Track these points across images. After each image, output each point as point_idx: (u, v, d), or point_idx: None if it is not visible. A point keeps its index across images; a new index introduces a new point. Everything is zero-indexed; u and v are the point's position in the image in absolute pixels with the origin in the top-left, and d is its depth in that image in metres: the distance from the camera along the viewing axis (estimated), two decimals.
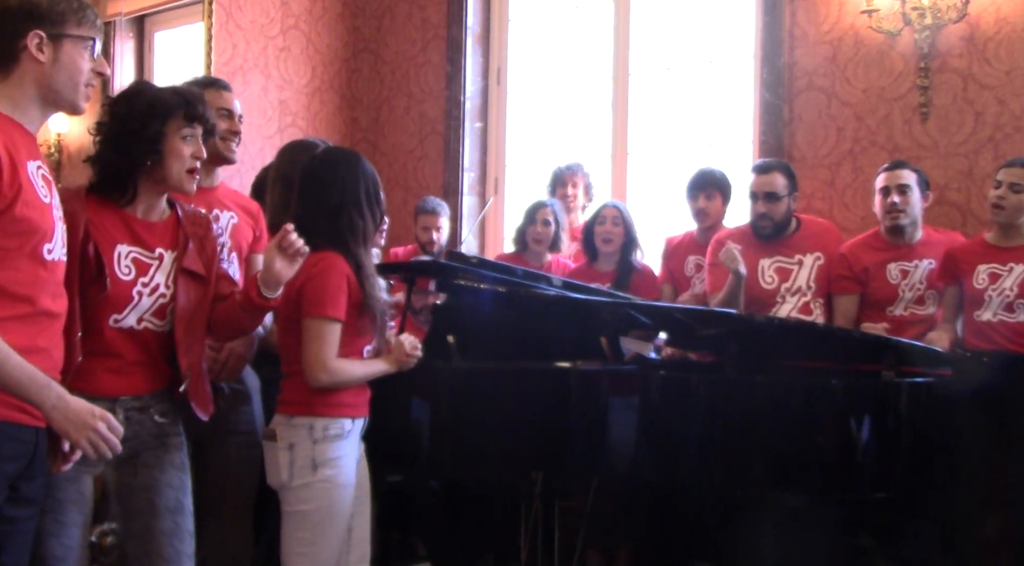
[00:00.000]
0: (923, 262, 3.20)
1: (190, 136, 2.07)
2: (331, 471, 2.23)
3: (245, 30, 4.84)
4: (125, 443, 2.01)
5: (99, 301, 1.98)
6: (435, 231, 4.16)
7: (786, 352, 3.02)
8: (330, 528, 2.23)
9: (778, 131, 3.94)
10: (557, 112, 4.84)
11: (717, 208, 3.63)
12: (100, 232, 2.01)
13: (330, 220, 2.29)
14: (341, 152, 2.56)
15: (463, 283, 2.96)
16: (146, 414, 2.07)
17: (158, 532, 2.06)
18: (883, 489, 2.66)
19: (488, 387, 2.79)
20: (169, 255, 2.09)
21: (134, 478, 2.08)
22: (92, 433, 1.71)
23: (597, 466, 2.71)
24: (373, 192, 2.35)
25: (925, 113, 3.64)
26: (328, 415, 2.25)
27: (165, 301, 2.06)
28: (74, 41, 1.80)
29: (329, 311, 2.22)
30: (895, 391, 2.64)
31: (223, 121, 2.61)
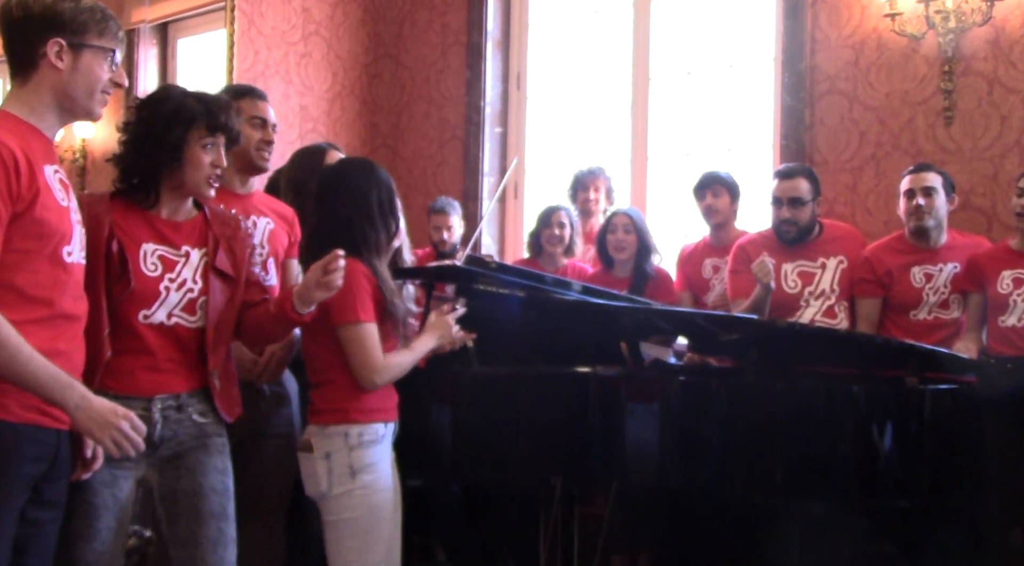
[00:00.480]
0: (947, 266, 3.16)
1: (211, 145, 2.09)
2: (370, 476, 2.24)
3: (267, 36, 4.87)
4: (164, 443, 2.05)
5: (126, 298, 2.01)
6: (446, 230, 4.16)
7: (808, 358, 3.00)
8: (377, 533, 2.24)
9: (799, 135, 3.91)
10: (577, 117, 4.84)
11: (725, 205, 3.62)
12: (125, 232, 2.04)
13: (343, 230, 2.30)
14: (354, 162, 2.57)
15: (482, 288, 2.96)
16: (184, 413, 2.08)
17: (203, 539, 2.07)
18: (906, 497, 2.63)
19: (508, 392, 2.78)
20: (196, 252, 2.11)
21: (178, 482, 2.09)
22: (115, 432, 1.73)
23: (616, 471, 2.70)
24: (387, 201, 2.35)
25: (949, 117, 3.60)
26: (362, 421, 2.26)
27: (193, 295, 2.08)
28: (94, 51, 1.82)
29: (361, 315, 2.24)
30: (918, 398, 2.61)
31: (256, 130, 2.62)
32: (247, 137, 2.60)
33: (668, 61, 4.51)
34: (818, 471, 2.53)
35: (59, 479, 1.80)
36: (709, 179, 3.64)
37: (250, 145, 2.60)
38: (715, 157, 4.27)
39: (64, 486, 1.83)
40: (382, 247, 2.35)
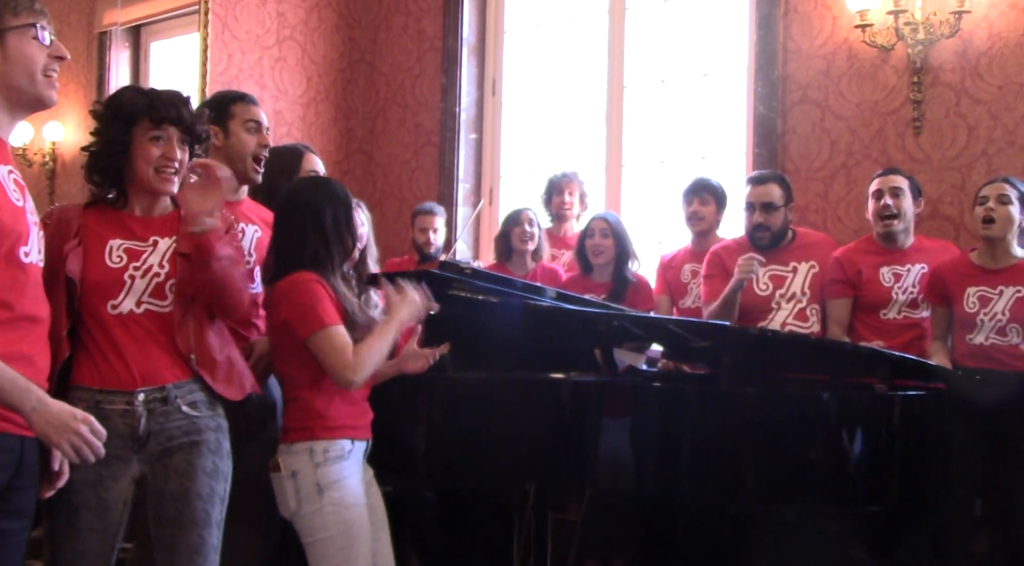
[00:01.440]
0: (915, 266, 3.21)
1: (160, 137, 2.07)
2: (337, 493, 2.21)
3: (241, 40, 4.84)
4: (152, 437, 2.01)
5: (92, 292, 1.99)
6: (432, 232, 4.17)
7: (780, 364, 3.02)
8: (356, 550, 2.21)
9: (772, 144, 3.95)
10: (552, 123, 4.86)
11: (711, 213, 3.65)
12: (92, 232, 2.04)
13: (297, 248, 2.28)
14: (309, 180, 2.56)
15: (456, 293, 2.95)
16: (171, 405, 2.04)
17: (184, 546, 2.04)
18: (876, 502, 2.66)
19: (481, 398, 2.78)
20: (165, 241, 2.09)
21: (166, 483, 2.05)
22: (73, 436, 1.69)
23: (590, 478, 2.70)
24: (342, 218, 2.31)
25: (918, 127, 3.65)
26: (326, 437, 2.24)
27: (160, 280, 2.06)
28: (16, 32, 1.75)
29: (326, 319, 2.21)
30: (888, 404, 2.64)
31: (253, 135, 2.59)
32: (243, 142, 2.58)
33: (643, 69, 4.54)
34: (790, 477, 2.55)
35: (27, 487, 1.76)
36: (699, 186, 3.66)
37: (246, 152, 2.58)
38: (689, 165, 4.30)
39: (32, 495, 1.79)
40: (336, 265, 2.31)
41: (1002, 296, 2.95)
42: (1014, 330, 2.93)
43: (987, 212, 2.96)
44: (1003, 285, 2.96)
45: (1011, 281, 2.96)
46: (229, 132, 2.59)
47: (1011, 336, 2.93)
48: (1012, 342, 2.93)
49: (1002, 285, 2.96)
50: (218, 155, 2.61)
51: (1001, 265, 2.99)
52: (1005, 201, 2.95)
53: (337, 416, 2.26)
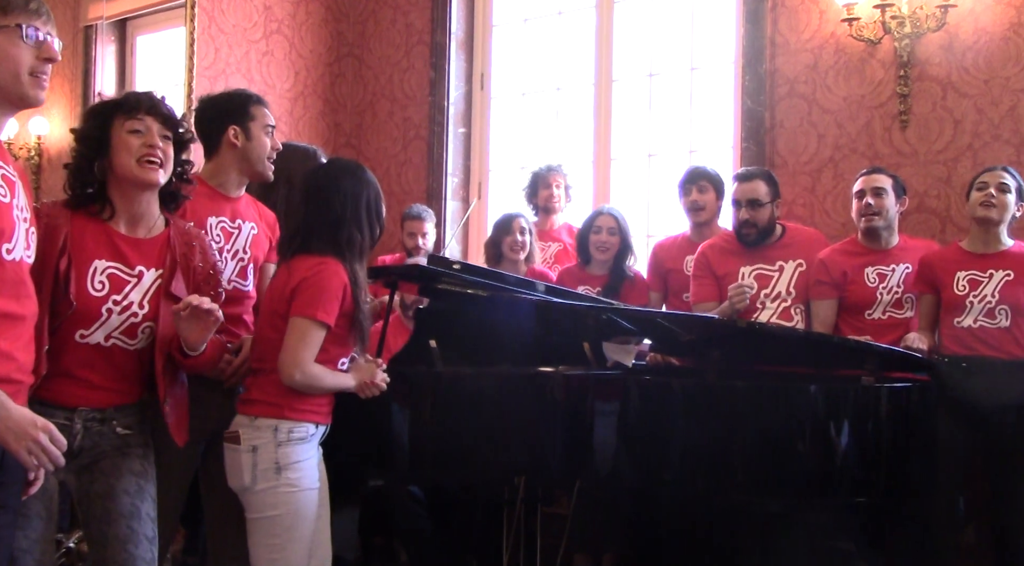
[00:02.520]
0: (900, 266, 3.22)
1: (140, 129, 2.07)
2: (295, 475, 2.22)
3: (228, 34, 4.82)
4: (84, 452, 2.03)
5: (66, 316, 1.98)
6: (421, 236, 4.13)
7: (768, 358, 3.03)
8: (298, 533, 2.22)
9: (760, 138, 3.96)
10: (540, 117, 4.85)
11: (711, 201, 3.63)
12: (78, 246, 2.01)
13: (332, 231, 2.31)
14: (345, 163, 2.56)
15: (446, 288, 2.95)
16: (107, 425, 2.07)
17: (112, 538, 2.05)
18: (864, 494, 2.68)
19: (470, 392, 2.78)
20: (150, 274, 2.09)
21: (91, 485, 2.08)
22: (32, 443, 1.68)
23: (579, 471, 2.71)
24: (374, 205, 2.37)
25: (905, 121, 3.67)
26: (295, 419, 2.24)
27: (137, 321, 2.06)
28: (4, 32, 1.74)
29: (320, 315, 2.22)
30: (874, 396, 2.65)
31: (270, 139, 2.61)
32: (262, 145, 2.58)
33: (631, 63, 4.54)
34: (777, 469, 2.56)
35: (11, 483, 1.76)
36: (696, 174, 3.64)
37: (264, 154, 2.59)
38: (677, 159, 4.31)
39: (17, 491, 1.79)
40: (365, 250, 2.36)
41: (992, 279, 2.99)
42: (1003, 312, 2.96)
43: (986, 197, 2.99)
44: (993, 269, 3.00)
45: (1001, 265, 3.00)
46: (251, 134, 2.58)
47: (999, 319, 2.96)
48: (1001, 325, 2.95)
49: (992, 269, 3.00)
50: (234, 154, 2.59)
51: (991, 250, 3.03)
52: (1004, 189, 2.99)
53: (310, 398, 2.27)
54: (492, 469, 2.83)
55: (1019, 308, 2.95)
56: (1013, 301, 2.95)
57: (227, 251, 2.55)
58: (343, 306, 2.26)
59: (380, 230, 2.40)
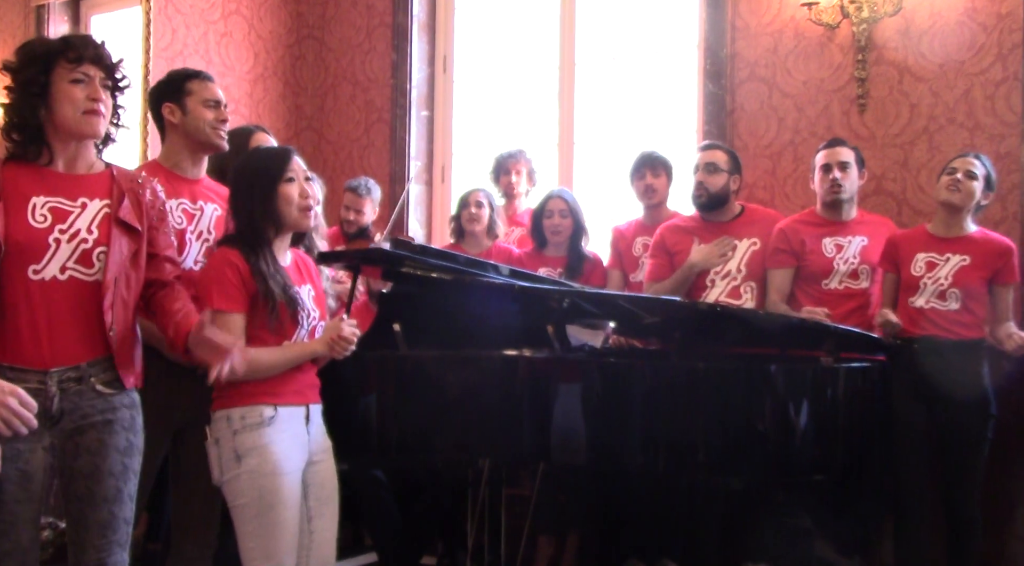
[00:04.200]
0: (856, 238, 3.29)
1: (83, 78, 2.02)
2: (255, 460, 2.18)
3: (185, 15, 4.73)
4: (66, 415, 1.98)
5: (13, 254, 1.93)
6: (355, 212, 4.05)
7: (729, 339, 3.07)
8: (271, 519, 2.18)
9: (721, 121, 3.99)
10: (503, 100, 4.84)
11: (663, 185, 3.71)
12: (13, 190, 1.97)
13: (233, 222, 2.31)
14: (243, 154, 2.55)
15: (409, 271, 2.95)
16: (85, 384, 2.01)
17: (93, 522, 2.03)
18: (822, 471, 2.73)
19: (435, 375, 2.79)
20: (95, 203, 2.04)
21: (75, 460, 2.03)
22: (2, 409, 1.68)
23: (543, 453, 2.73)
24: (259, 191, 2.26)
25: (863, 105, 3.72)
26: (241, 404, 2.21)
27: (88, 246, 2.01)
28: None
29: (215, 302, 2.19)
30: (832, 376, 2.70)
31: (210, 111, 2.58)
32: (199, 116, 2.56)
33: (594, 47, 4.55)
34: (738, 448, 2.61)
35: None
36: (647, 159, 3.71)
37: (204, 125, 2.56)
38: (640, 142, 4.32)
39: None
40: (258, 226, 2.27)
41: (948, 263, 3.05)
42: (953, 295, 3.02)
43: (953, 181, 3.05)
44: (951, 253, 3.06)
45: (959, 250, 3.06)
46: (186, 109, 2.56)
47: (950, 301, 3.03)
48: (951, 307, 3.02)
49: (949, 253, 3.07)
50: (176, 132, 2.58)
51: (953, 235, 3.09)
52: (971, 176, 3.05)
53: (253, 384, 2.21)
54: (456, 451, 2.84)
55: (970, 292, 3.02)
56: (964, 285, 3.02)
57: (190, 232, 2.53)
58: (248, 288, 2.21)
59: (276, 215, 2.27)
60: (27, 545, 1.98)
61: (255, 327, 2.22)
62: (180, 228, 2.49)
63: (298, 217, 2.28)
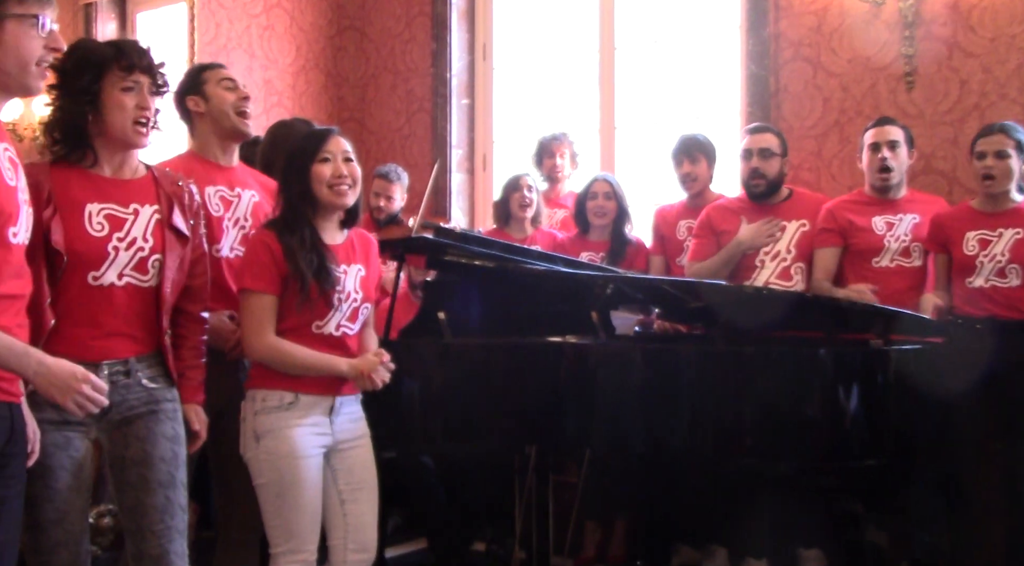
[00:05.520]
0: (908, 216, 3.22)
1: (133, 86, 2.05)
2: (271, 443, 2.22)
3: (228, 9, 4.79)
4: (114, 408, 2.03)
5: (75, 263, 1.98)
6: (384, 199, 4.06)
7: (776, 322, 3.04)
8: (290, 500, 2.22)
9: (764, 102, 3.94)
10: (544, 87, 4.83)
11: (703, 172, 3.63)
12: (65, 196, 2.00)
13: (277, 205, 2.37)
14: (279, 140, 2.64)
15: (453, 259, 2.96)
16: (132, 378, 2.07)
17: (150, 508, 2.07)
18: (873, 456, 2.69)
19: (480, 362, 2.80)
20: (146, 209, 2.09)
21: (126, 450, 2.08)
22: (76, 395, 1.72)
23: (589, 439, 2.73)
24: (294, 170, 2.30)
25: (910, 82, 3.64)
26: (265, 387, 2.26)
27: (144, 254, 2.06)
28: (16, 20, 1.72)
29: (246, 282, 2.25)
30: (883, 359, 2.66)
31: (230, 92, 2.61)
32: (221, 100, 2.59)
33: (634, 30, 4.51)
34: (787, 433, 2.58)
35: (18, 454, 1.78)
36: (688, 145, 3.63)
37: (226, 106, 2.59)
38: (682, 125, 4.29)
39: (24, 461, 1.81)
40: (297, 209, 2.30)
41: (1002, 238, 2.97)
42: (1014, 271, 2.94)
43: (986, 169, 2.97)
44: (1003, 227, 2.98)
45: (1011, 223, 2.98)
46: (207, 96, 2.61)
47: (1011, 278, 2.95)
48: (1012, 284, 2.94)
49: (1001, 227, 2.99)
50: (204, 121, 2.62)
51: (1000, 208, 3.02)
52: (1003, 156, 2.96)
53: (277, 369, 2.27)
54: (502, 439, 2.85)
55: None
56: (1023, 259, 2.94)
57: (228, 219, 2.57)
58: (280, 268, 2.24)
59: (302, 175, 2.30)
60: (78, 535, 2.03)
61: (287, 306, 2.25)
62: (218, 215, 2.53)
63: (328, 195, 2.29)
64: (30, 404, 1.90)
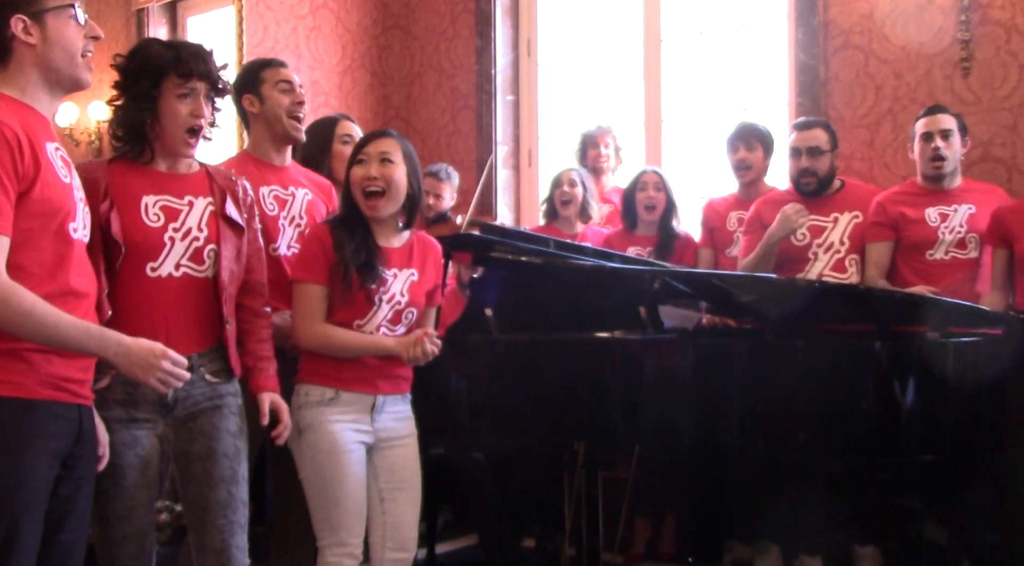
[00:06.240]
0: (963, 206, 3.14)
1: (189, 93, 2.07)
2: (312, 437, 2.25)
3: (275, 11, 4.85)
4: (179, 404, 2.07)
5: (133, 253, 2.01)
6: (434, 197, 4.06)
7: (828, 315, 2.98)
8: (330, 495, 2.24)
9: (814, 92, 3.87)
10: (589, 81, 4.80)
11: (758, 160, 3.57)
12: (122, 189, 2.04)
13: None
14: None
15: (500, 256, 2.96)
16: (196, 373, 2.09)
17: (213, 503, 2.11)
18: (930, 451, 2.63)
19: (528, 359, 2.80)
20: (200, 201, 2.11)
21: (191, 444, 2.11)
22: (159, 372, 1.76)
23: (639, 435, 2.71)
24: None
25: (967, 68, 3.55)
26: (308, 381, 2.30)
27: (199, 244, 2.08)
28: (55, 13, 1.75)
29: (297, 274, 2.32)
30: (940, 352, 2.60)
31: (286, 95, 2.63)
32: (276, 103, 2.62)
33: (679, 22, 4.46)
34: (841, 428, 2.54)
35: (87, 455, 1.82)
36: (744, 131, 3.57)
37: (280, 111, 2.62)
38: (730, 117, 4.23)
39: (93, 461, 1.86)
40: (352, 216, 2.33)
41: None
42: None
43: None
44: None
45: None
46: (263, 97, 2.63)
47: None
48: None
49: None
50: (257, 122, 2.65)
51: None
52: None
53: (320, 364, 2.29)
54: (550, 435, 2.85)
55: None
56: None
57: (283, 218, 2.59)
58: (330, 260, 2.27)
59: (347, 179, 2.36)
60: (145, 529, 2.08)
61: (332, 301, 2.29)
62: (272, 215, 2.56)
63: (362, 199, 2.32)
64: (98, 403, 1.95)
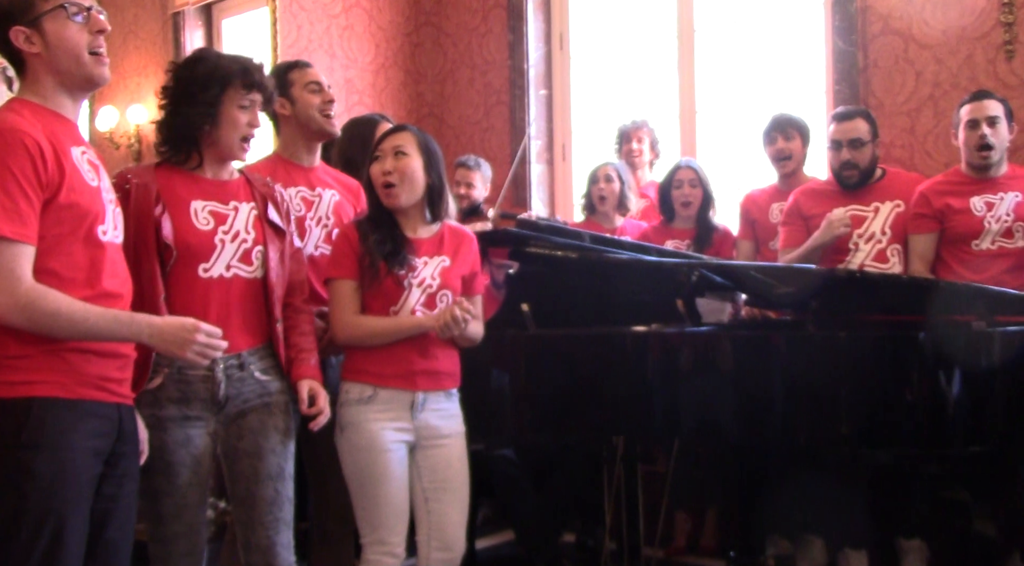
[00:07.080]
0: (1009, 194, 3.06)
1: (248, 104, 2.14)
2: (352, 435, 2.27)
3: (308, 11, 4.89)
4: (230, 401, 2.12)
5: (185, 255, 2.07)
6: (466, 186, 4.07)
7: (870, 306, 2.94)
8: (370, 493, 2.26)
9: (853, 79, 3.81)
10: (622, 75, 4.77)
11: (797, 150, 3.52)
12: (172, 194, 2.10)
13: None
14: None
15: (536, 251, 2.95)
16: (246, 371, 2.14)
17: (260, 499, 2.14)
18: (978, 443, 2.58)
19: (565, 353, 2.79)
20: (244, 206, 2.18)
21: (240, 441, 2.15)
22: (195, 346, 1.79)
23: (678, 429, 2.69)
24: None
25: (1011, 51, 3.47)
26: (349, 379, 2.32)
27: (248, 246, 2.15)
28: (51, 17, 1.74)
29: (331, 271, 2.35)
30: (987, 341, 2.55)
31: (315, 95, 2.66)
32: (307, 104, 2.65)
33: (713, 12, 4.42)
34: (885, 421, 2.49)
35: (129, 453, 1.85)
36: (781, 122, 3.53)
37: (312, 110, 2.65)
38: (766, 108, 4.18)
39: (136, 458, 1.89)
40: (379, 212, 2.36)
41: None
42: None
43: None
44: None
45: None
46: (293, 99, 2.66)
47: None
48: None
49: None
50: (288, 125, 2.68)
51: None
52: None
53: (359, 360, 2.32)
54: (589, 429, 2.84)
55: None
56: None
57: (310, 219, 2.62)
58: (357, 253, 2.31)
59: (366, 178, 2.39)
60: (196, 527, 2.12)
61: (364, 291, 2.32)
62: (299, 216, 2.58)
63: (383, 195, 2.35)
64: (152, 402, 2.02)
